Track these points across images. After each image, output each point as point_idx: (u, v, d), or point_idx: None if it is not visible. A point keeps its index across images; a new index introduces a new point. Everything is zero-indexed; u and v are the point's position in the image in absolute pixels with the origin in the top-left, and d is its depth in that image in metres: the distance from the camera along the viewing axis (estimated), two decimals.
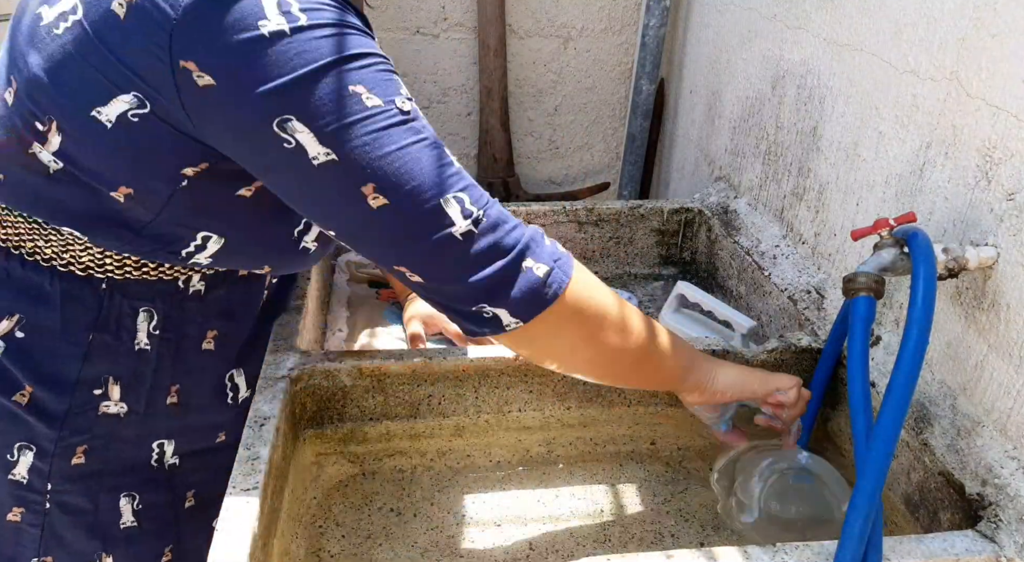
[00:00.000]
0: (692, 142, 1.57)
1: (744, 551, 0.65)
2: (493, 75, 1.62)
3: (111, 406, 0.80)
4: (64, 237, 0.74)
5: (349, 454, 0.92)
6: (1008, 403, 0.74)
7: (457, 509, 0.88)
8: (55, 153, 0.69)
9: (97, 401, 0.79)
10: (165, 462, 0.86)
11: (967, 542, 0.68)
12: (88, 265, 0.75)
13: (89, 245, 0.74)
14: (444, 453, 0.94)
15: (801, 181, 1.12)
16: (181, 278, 0.79)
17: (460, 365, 0.89)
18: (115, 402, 0.80)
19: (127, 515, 0.84)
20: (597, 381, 0.85)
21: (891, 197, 0.91)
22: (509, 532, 0.85)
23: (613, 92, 1.75)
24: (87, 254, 0.75)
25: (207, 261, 0.77)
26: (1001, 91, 0.74)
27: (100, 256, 0.75)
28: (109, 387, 0.79)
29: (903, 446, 0.82)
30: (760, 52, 1.23)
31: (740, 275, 1.21)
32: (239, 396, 0.89)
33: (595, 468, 0.94)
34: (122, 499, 0.83)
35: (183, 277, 0.79)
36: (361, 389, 0.89)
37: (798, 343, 0.96)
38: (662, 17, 1.54)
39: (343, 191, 0.66)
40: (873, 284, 0.72)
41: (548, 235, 0.76)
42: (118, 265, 0.76)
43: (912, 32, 0.86)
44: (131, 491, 0.84)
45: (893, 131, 0.90)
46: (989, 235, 0.75)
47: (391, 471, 0.92)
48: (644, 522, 0.87)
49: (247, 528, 0.65)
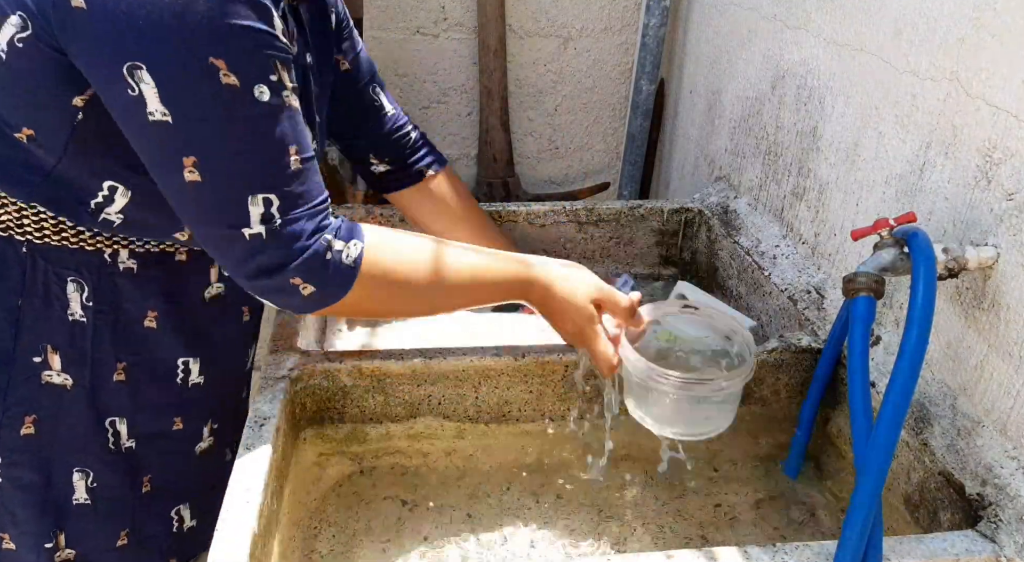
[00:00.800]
0: (692, 142, 1.57)
1: (744, 551, 0.65)
2: (493, 75, 1.62)
3: (53, 376, 0.80)
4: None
5: (349, 454, 0.92)
6: (1008, 403, 0.74)
7: (457, 509, 0.88)
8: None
9: (38, 369, 0.79)
10: (122, 444, 0.86)
11: (967, 542, 0.68)
12: (8, 224, 0.75)
13: (5, 201, 0.74)
14: (444, 453, 0.94)
15: (801, 181, 1.12)
16: (106, 251, 0.79)
17: (460, 365, 0.89)
18: (57, 372, 0.80)
19: (80, 491, 0.84)
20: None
21: (891, 197, 0.91)
22: (509, 532, 0.85)
23: (613, 92, 1.75)
24: (5, 213, 0.75)
25: (118, 218, 0.76)
26: (1001, 91, 0.74)
27: (17, 215, 0.75)
28: (48, 356, 0.79)
29: (903, 446, 0.82)
30: (760, 52, 1.23)
31: (740, 275, 1.21)
32: (190, 380, 0.89)
33: (594, 468, 0.94)
34: (75, 474, 0.84)
35: (108, 250, 0.79)
36: (361, 389, 0.89)
37: (798, 343, 0.96)
38: (662, 17, 1.54)
39: (166, 154, 0.67)
40: (873, 284, 0.72)
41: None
42: (36, 227, 0.76)
43: (912, 32, 0.86)
44: (84, 467, 0.84)
45: (893, 131, 0.90)
46: (989, 235, 0.75)
47: (391, 471, 0.92)
48: (644, 522, 0.87)
49: (247, 528, 0.65)
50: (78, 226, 0.76)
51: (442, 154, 1.15)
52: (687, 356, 0.88)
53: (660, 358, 0.87)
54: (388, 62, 1.63)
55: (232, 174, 0.68)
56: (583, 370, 0.89)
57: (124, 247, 0.79)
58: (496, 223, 1.31)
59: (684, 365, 0.87)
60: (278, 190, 0.70)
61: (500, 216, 1.31)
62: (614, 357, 0.83)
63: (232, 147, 0.67)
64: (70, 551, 0.85)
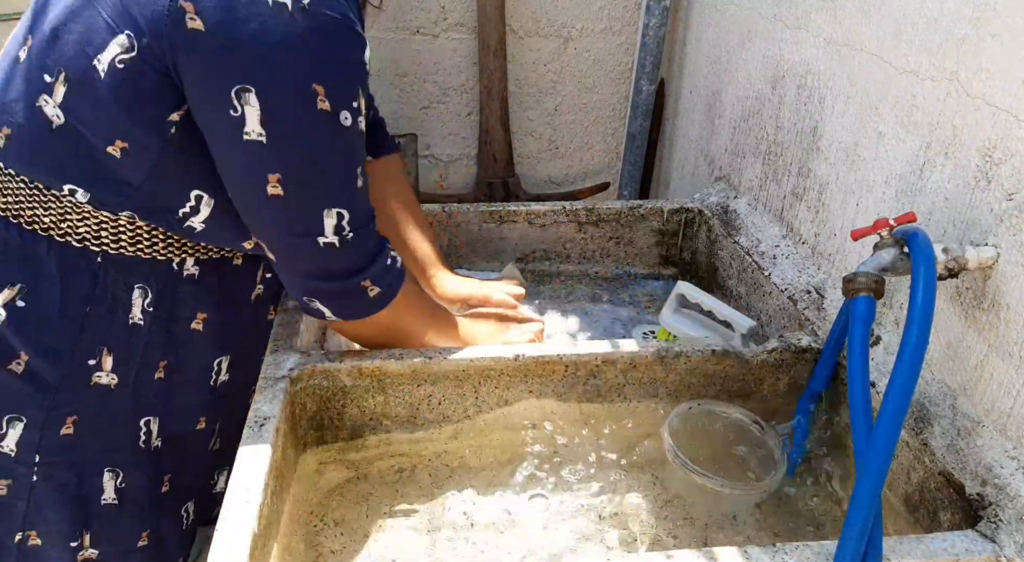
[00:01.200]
0: (692, 142, 1.57)
1: (744, 551, 0.65)
2: (493, 75, 1.62)
3: (103, 377, 0.82)
4: (63, 205, 0.76)
5: (349, 453, 0.92)
6: (1008, 403, 0.74)
7: (457, 508, 0.88)
8: (60, 105, 0.72)
9: (91, 371, 0.81)
10: (152, 444, 0.88)
11: (967, 542, 0.68)
12: (85, 236, 0.77)
13: (87, 214, 0.76)
14: (444, 453, 0.94)
15: (801, 181, 1.12)
16: (175, 260, 0.82)
17: (460, 365, 0.89)
18: (107, 373, 0.82)
19: (109, 491, 0.85)
20: None
21: (891, 197, 0.91)
22: (509, 532, 0.85)
23: (613, 92, 1.75)
24: (84, 224, 0.77)
25: (201, 226, 0.79)
26: (1001, 91, 0.74)
27: (97, 227, 0.77)
28: (103, 358, 0.81)
29: (903, 446, 0.82)
30: (760, 52, 1.23)
31: (740, 275, 1.21)
32: (219, 380, 0.92)
33: (595, 468, 0.94)
34: (106, 474, 0.85)
35: (177, 259, 0.82)
36: (361, 389, 0.89)
37: (798, 343, 0.96)
38: (662, 17, 1.54)
39: (253, 170, 0.72)
40: (873, 284, 0.72)
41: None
42: (113, 238, 0.78)
43: (912, 32, 0.86)
44: (115, 467, 0.85)
45: (893, 131, 0.90)
46: (989, 235, 0.75)
47: (391, 470, 0.92)
48: (644, 522, 0.87)
49: (247, 528, 0.65)
50: (169, 233, 0.80)
51: (394, 141, 1.15)
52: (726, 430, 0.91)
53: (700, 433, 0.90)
54: (388, 62, 1.63)
55: (312, 190, 0.74)
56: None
57: (191, 255, 0.83)
58: (496, 223, 1.31)
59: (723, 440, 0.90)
60: (348, 205, 0.76)
61: (500, 216, 1.31)
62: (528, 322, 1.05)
63: (315, 167, 0.73)
64: (93, 551, 0.86)
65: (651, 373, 0.94)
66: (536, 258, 1.35)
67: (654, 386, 0.95)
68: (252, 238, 0.83)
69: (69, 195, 0.76)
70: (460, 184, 1.80)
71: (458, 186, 1.80)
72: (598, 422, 0.96)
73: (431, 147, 1.75)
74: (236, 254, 0.87)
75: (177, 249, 0.81)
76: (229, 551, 0.63)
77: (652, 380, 0.94)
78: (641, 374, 0.94)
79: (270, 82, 0.67)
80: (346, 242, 0.77)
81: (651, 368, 0.93)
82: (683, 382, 0.95)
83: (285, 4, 0.65)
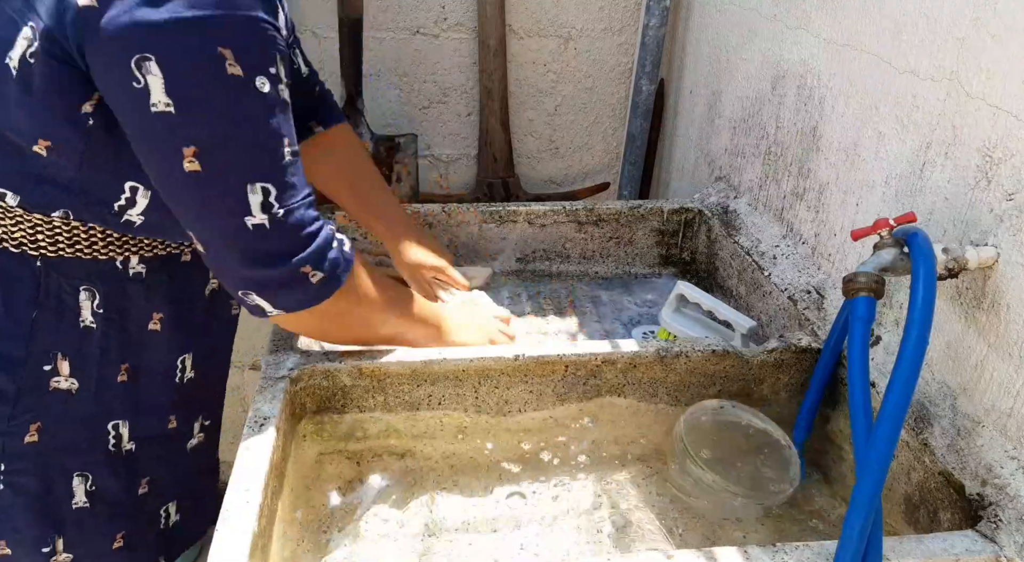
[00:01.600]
0: (692, 142, 1.57)
1: (744, 551, 0.65)
2: (493, 75, 1.62)
3: (61, 382, 0.81)
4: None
5: (349, 454, 0.92)
6: (1008, 403, 0.74)
7: (457, 509, 0.88)
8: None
9: (47, 377, 0.80)
10: (123, 447, 0.87)
11: (967, 542, 0.68)
12: (21, 241, 0.76)
13: (19, 218, 0.75)
14: (444, 453, 0.94)
15: (801, 181, 1.12)
16: (118, 259, 0.80)
17: (460, 365, 0.89)
18: (65, 377, 0.80)
19: (79, 495, 0.85)
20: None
21: (891, 197, 0.91)
22: (509, 532, 0.85)
23: (613, 92, 1.75)
24: (18, 229, 0.75)
25: (140, 218, 0.77)
26: (1001, 91, 0.74)
27: (32, 231, 0.76)
28: (58, 362, 0.80)
29: (903, 446, 0.82)
30: (760, 52, 1.23)
31: (740, 275, 1.21)
32: (185, 376, 0.90)
33: (595, 468, 0.94)
34: (75, 479, 0.84)
35: (120, 258, 0.80)
36: (361, 389, 0.89)
37: (798, 343, 0.96)
38: (662, 17, 1.54)
39: (166, 144, 0.67)
40: (873, 284, 0.72)
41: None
42: (51, 241, 0.76)
43: (912, 32, 0.86)
44: (84, 471, 0.84)
45: (893, 131, 0.90)
46: (989, 235, 0.75)
47: (391, 471, 0.92)
48: (644, 521, 0.87)
49: (247, 528, 0.65)
50: (107, 230, 0.77)
51: (341, 112, 1.12)
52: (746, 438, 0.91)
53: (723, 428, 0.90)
54: (388, 62, 1.63)
55: (231, 163, 0.69)
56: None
57: (134, 253, 0.81)
58: (496, 223, 1.31)
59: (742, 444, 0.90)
60: (275, 180, 0.71)
61: (500, 216, 1.31)
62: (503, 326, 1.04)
63: (232, 136, 0.68)
64: (67, 555, 0.85)
65: (651, 373, 0.94)
66: (536, 258, 1.35)
67: (654, 386, 0.95)
68: None
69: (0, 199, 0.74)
70: (460, 184, 1.80)
71: (458, 186, 1.80)
72: (598, 422, 0.96)
73: (431, 147, 1.74)
74: (184, 250, 0.85)
75: (118, 248, 0.79)
76: (229, 551, 0.63)
77: (652, 380, 0.94)
78: (641, 374, 0.94)
79: (170, 47, 0.64)
80: (277, 221, 0.71)
81: (651, 368, 0.93)
82: (683, 382, 0.95)
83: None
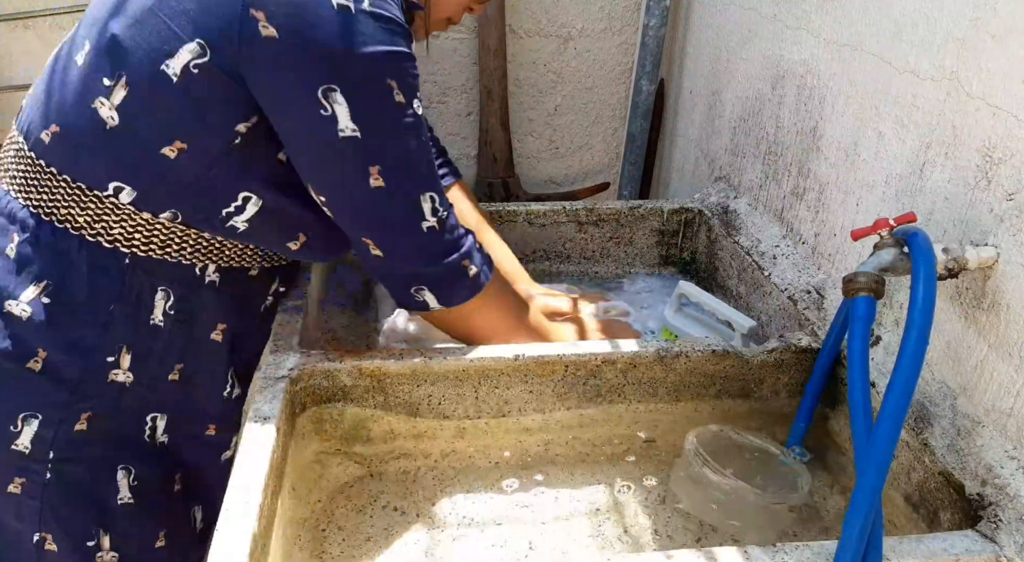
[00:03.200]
0: (692, 142, 1.57)
1: (744, 551, 0.65)
2: (493, 75, 1.62)
3: (119, 374, 0.83)
4: (103, 206, 0.78)
5: (349, 454, 0.92)
6: (1008, 403, 0.74)
7: (457, 509, 0.88)
8: (116, 108, 0.74)
9: (108, 368, 0.82)
10: (156, 438, 0.89)
11: (967, 542, 0.68)
12: (116, 237, 0.80)
13: (125, 216, 0.79)
14: (444, 453, 0.94)
15: (801, 181, 1.12)
16: (198, 265, 0.84)
17: (460, 365, 0.89)
18: (124, 370, 0.83)
19: (124, 490, 0.86)
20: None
21: (891, 197, 0.91)
22: (509, 532, 0.85)
23: (613, 92, 1.75)
24: (119, 226, 0.79)
25: (244, 225, 0.82)
26: (1001, 91, 0.74)
27: (132, 229, 0.80)
28: (122, 355, 0.83)
29: (903, 446, 0.82)
30: (760, 52, 1.23)
31: (740, 275, 1.21)
32: (233, 393, 0.93)
33: (595, 467, 0.94)
34: (119, 472, 0.86)
35: (200, 265, 0.84)
36: (361, 389, 0.89)
37: (798, 343, 0.96)
38: (662, 17, 1.54)
39: (355, 165, 0.76)
40: (873, 284, 0.72)
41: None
42: (145, 240, 0.80)
43: (912, 32, 0.86)
44: (127, 464, 0.86)
45: (893, 131, 0.90)
46: (989, 235, 0.75)
47: (391, 471, 0.92)
48: (644, 521, 0.87)
49: (247, 528, 0.65)
50: (201, 236, 0.82)
51: (457, 169, 1.20)
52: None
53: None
54: None
55: (409, 177, 0.79)
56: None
57: (213, 261, 0.85)
58: (496, 223, 1.31)
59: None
60: (436, 187, 0.82)
61: (500, 216, 1.31)
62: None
63: (406, 154, 0.78)
64: (113, 554, 0.86)
65: (651, 373, 0.94)
66: (536, 258, 1.35)
67: (654, 386, 0.95)
68: (297, 239, 0.86)
69: (113, 195, 0.78)
70: None
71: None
72: (598, 422, 0.96)
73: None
74: (253, 265, 0.89)
75: (203, 254, 0.84)
76: (229, 551, 0.63)
77: (652, 380, 0.94)
78: (641, 374, 0.94)
79: (352, 80, 0.72)
80: (443, 222, 0.82)
81: (651, 368, 0.93)
82: (683, 382, 0.95)
83: (348, 7, 0.69)
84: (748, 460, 0.88)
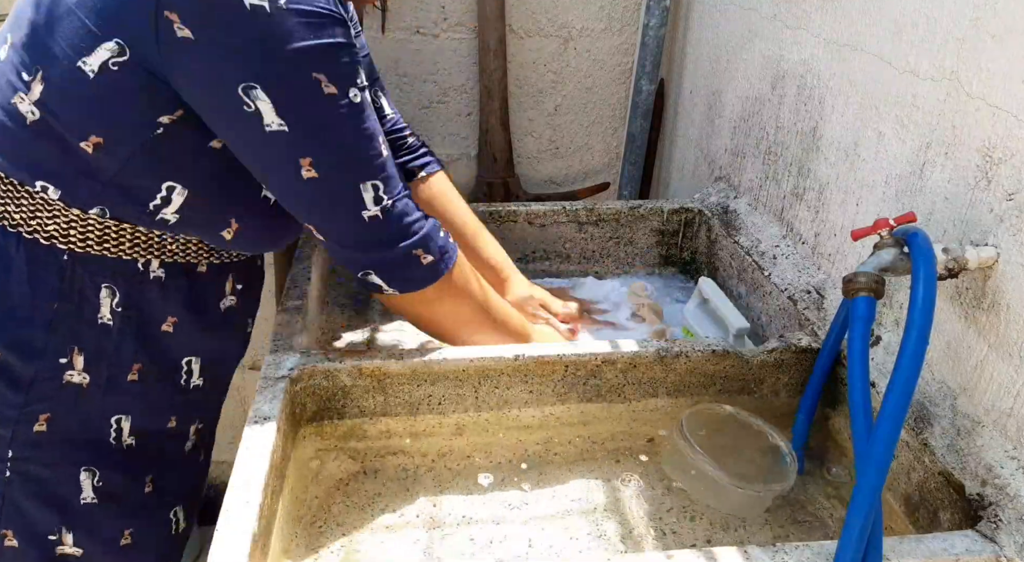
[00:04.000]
0: (692, 142, 1.57)
1: (744, 551, 0.65)
2: (493, 75, 1.62)
3: (74, 376, 0.82)
4: (35, 202, 0.77)
5: (349, 453, 0.92)
6: (1008, 403, 0.74)
7: (456, 507, 0.88)
8: (35, 103, 0.74)
9: (62, 369, 0.82)
10: (123, 440, 0.88)
11: (967, 542, 0.68)
12: (52, 234, 0.79)
13: (57, 212, 0.78)
14: (444, 453, 0.94)
15: (801, 181, 1.12)
16: (140, 261, 0.83)
17: (460, 365, 0.89)
18: (78, 372, 0.82)
19: (87, 490, 0.86)
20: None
21: (891, 197, 0.91)
22: (509, 532, 0.85)
23: (613, 92, 1.75)
24: (53, 222, 0.78)
25: (174, 217, 0.81)
26: (1001, 91, 0.74)
27: (66, 225, 0.78)
28: (74, 357, 0.82)
29: (903, 446, 0.82)
30: (760, 52, 1.23)
31: (740, 275, 1.22)
32: (191, 381, 0.92)
33: (594, 467, 0.94)
34: (82, 473, 0.85)
35: (143, 260, 0.83)
36: (361, 389, 0.89)
37: (798, 343, 0.96)
38: (662, 17, 1.54)
39: (284, 158, 0.76)
40: (873, 284, 0.72)
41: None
42: (81, 237, 0.79)
43: (912, 32, 0.86)
44: (91, 466, 0.86)
45: (893, 131, 0.90)
46: (989, 235, 0.75)
47: (391, 470, 0.92)
48: (643, 521, 0.87)
49: (247, 528, 0.65)
50: (137, 231, 0.81)
51: (440, 160, 1.19)
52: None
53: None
54: (388, 62, 1.63)
55: (343, 167, 0.78)
56: None
57: (156, 257, 0.84)
58: (496, 223, 1.31)
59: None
60: (379, 176, 0.80)
61: (500, 216, 1.31)
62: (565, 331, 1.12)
63: (340, 145, 0.77)
64: (77, 549, 0.86)
65: (651, 373, 0.94)
66: (536, 258, 1.35)
67: (654, 386, 0.95)
68: (230, 227, 0.85)
69: (41, 191, 0.77)
70: (460, 184, 1.79)
71: (458, 186, 1.80)
72: (596, 421, 0.96)
73: (431, 147, 1.75)
74: (200, 261, 0.87)
75: (143, 249, 0.82)
76: (229, 551, 0.63)
77: (652, 380, 0.94)
78: (641, 374, 0.94)
79: (271, 77, 0.71)
80: (388, 211, 0.81)
81: (651, 368, 0.93)
82: (683, 382, 0.95)
83: (263, 6, 0.68)
84: (742, 441, 0.89)
